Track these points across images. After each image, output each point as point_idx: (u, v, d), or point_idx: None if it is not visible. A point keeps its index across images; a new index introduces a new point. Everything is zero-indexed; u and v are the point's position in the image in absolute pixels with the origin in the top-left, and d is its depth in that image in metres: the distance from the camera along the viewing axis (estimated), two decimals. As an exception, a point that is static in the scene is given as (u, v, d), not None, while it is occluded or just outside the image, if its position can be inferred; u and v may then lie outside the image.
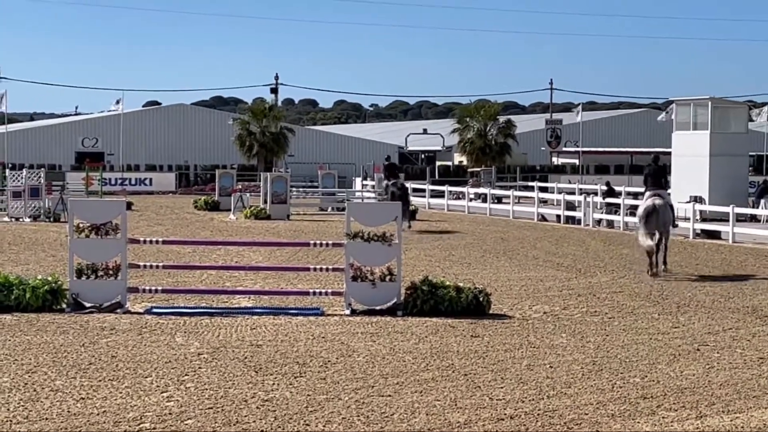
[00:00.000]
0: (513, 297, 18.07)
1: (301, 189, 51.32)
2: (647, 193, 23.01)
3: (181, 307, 16.20)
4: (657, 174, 23.31)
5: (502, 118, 74.84)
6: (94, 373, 11.25)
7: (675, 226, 23.81)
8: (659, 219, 22.45)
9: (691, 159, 42.89)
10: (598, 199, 41.69)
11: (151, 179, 69.91)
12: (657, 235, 22.43)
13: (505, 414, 9.82)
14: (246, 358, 12.25)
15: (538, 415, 9.83)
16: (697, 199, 39.85)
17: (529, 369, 11.92)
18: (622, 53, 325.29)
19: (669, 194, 25.93)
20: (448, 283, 16.14)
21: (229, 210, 42.36)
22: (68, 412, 9.62)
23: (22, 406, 9.80)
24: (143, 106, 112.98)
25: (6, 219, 37.29)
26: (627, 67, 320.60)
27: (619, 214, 37.76)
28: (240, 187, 46.86)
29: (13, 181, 38.48)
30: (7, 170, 42.13)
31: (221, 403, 10.05)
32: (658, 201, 22.54)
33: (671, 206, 23.26)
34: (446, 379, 11.29)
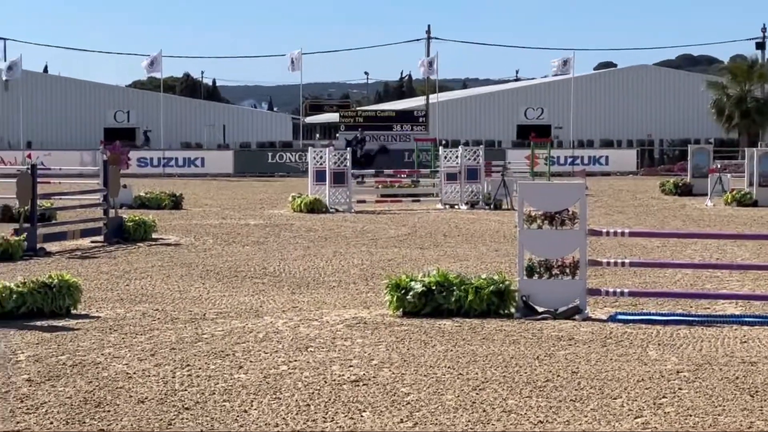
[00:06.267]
0: None
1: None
2: None
3: (652, 314, 16.13)
4: None
5: None
6: (552, 392, 11.38)
7: None
8: None
9: None
10: None
11: (607, 157, 70.39)
12: None
13: None
14: (737, 378, 12.02)
15: None
16: None
17: None
18: None
19: None
20: None
21: (705, 195, 41.93)
22: (525, 437, 9.82)
23: (470, 428, 10.05)
24: (595, 69, 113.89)
25: (439, 206, 38.55)
26: None
27: None
28: (718, 166, 46.31)
29: (447, 160, 39.55)
30: (441, 148, 43.39)
31: (709, 433, 9.93)
32: None
33: None
34: None
